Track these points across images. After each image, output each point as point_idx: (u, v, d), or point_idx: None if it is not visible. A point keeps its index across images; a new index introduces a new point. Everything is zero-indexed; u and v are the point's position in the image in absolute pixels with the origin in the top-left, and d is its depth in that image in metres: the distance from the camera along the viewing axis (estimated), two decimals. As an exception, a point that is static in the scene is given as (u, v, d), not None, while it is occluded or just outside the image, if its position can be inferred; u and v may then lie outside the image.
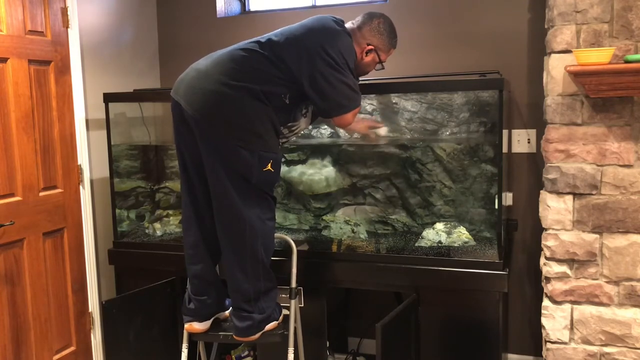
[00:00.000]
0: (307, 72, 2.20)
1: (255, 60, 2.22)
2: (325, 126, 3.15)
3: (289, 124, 2.32)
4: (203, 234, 2.36)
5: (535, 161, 3.00)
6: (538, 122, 2.92)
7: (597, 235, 2.45)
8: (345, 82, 2.24)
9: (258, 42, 2.27)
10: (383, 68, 2.46)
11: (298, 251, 2.54)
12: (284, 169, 3.10)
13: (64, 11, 2.95)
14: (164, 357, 2.82)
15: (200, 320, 2.40)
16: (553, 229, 2.50)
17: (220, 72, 2.20)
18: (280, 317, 2.42)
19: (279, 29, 2.33)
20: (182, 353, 2.45)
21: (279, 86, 2.22)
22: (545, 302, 2.55)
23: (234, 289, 2.31)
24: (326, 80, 2.21)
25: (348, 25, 2.37)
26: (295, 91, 2.24)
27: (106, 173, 3.11)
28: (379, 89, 2.81)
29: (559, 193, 2.48)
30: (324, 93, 2.22)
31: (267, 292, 2.33)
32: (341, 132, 3.13)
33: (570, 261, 2.49)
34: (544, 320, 2.55)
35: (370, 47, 2.37)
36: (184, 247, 2.41)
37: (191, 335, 2.45)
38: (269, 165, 2.21)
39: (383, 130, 2.66)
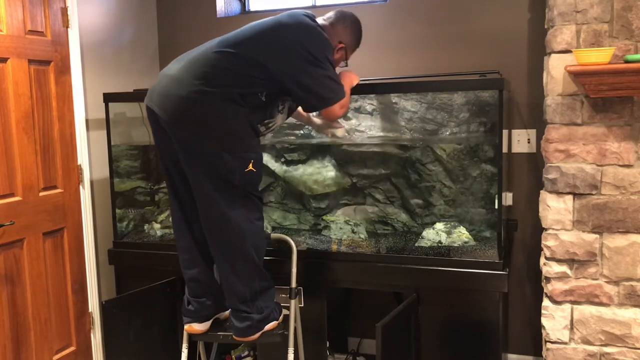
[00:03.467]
0: (290, 71, 2.19)
1: (228, 62, 2.17)
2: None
3: (266, 121, 2.31)
4: (195, 238, 2.36)
5: (535, 161, 3.00)
6: (538, 122, 2.92)
7: (597, 235, 2.45)
8: (328, 76, 2.25)
9: (231, 42, 2.22)
10: (347, 65, 2.48)
11: (298, 251, 2.54)
12: (284, 168, 3.10)
13: (64, 11, 2.95)
14: (164, 357, 2.82)
15: (200, 321, 2.40)
16: (553, 229, 2.51)
17: (193, 77, 2.16)
18: (280, 317, 2.42)
19: (252, 26, 2.27)
20: (182, 353, 2.45)
21: (255, 86, 2.19)
22: (545, 302, 2.55)
23: (230, 292, 2.31)
24: (310, 76, 2.21)
25: (319, 21, 2.36)
26: (272, 88, 2.23)
27: (106, 173, 3.12)
28: (379, 89, 2.81)
29: (559, 193, 2.48)
30: (309, 89, 2.23)
31: (264, 291, 2.33)
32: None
33: (570, 261, 2.49)
34: (544, 320, 2.55)
35: (341, 45, 2.38)
36: (178, 252, 2.41)
37: (191, 335, 2.45)
38: (251, 165, 2.20)
39: (340, 132, 2.68)
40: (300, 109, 2.51)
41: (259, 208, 2.31)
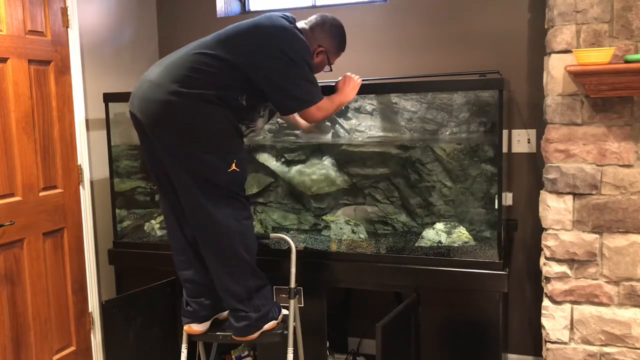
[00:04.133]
0: (265, 72, 2.19)
1: (207, 64, 2.17)
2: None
3: (247, 122, 2.31)
4: (188, 239, 2.36)
5: (535, 161, 3.00)
6: (538, 122, 2.92)
7: (597, 235, 2.45)
8: (304, 77, 2.25)
9: (210, 44, 2.23)
10: (331, 70, 2.47)
11: (298, 251, 2.54)
12: (284, 168, 3.10)
13: (64, 11, 2.95)
14: (164, 357, 2.82)
15: (199, 321, 2.40)
16: (553, 229, 2.51)
17: (172, 81, 2.16)
18: (280, 317, 2.42)
19: (231, 28, 2.27)
20: (182, 353, 2.45)
21: (234, 89, 2.20)
22: (545, 302, 2.55)
23: (225, 292, 2.31)
24: (285, 77, 2.21)
25: (300, 24, 2.36)
26: (251, 92, 2.23)
27: (106, 173, 3.12)
28: (379, 89, 2.81)
29: (559, 193, 2.48)
30: (284, 90, 2.22)
31: (259, 289, 2.33)
32: (341, 131, 3.13)
33: (570, 261, 2.49)
34: (544, 320, 2.55)
35: (321, 49, 2.38)
36: (173, 255, 2.42)
37: (190, 336, 2.45)
38: (234, 165, 2.21)
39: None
40: None
41: (246, 207, 2.31)
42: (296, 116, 2.72)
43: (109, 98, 3.04)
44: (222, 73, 2.17)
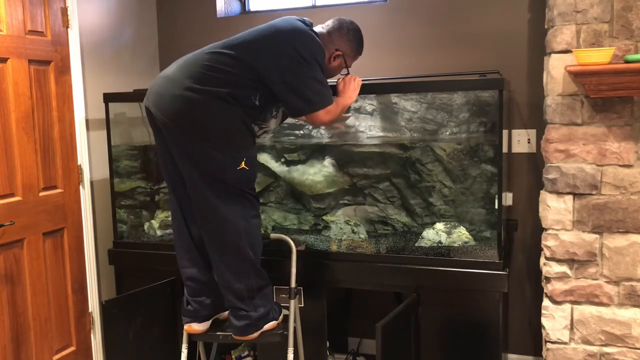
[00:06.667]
0: (277, 70, 2.20)
1: (222, 62, 2.20)
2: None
3: (259, 122, 2.31)
4: (194, 238, 2.37)
5: (535, 161, 3.00)
6: (538, 122, 2.92)
7: (597, 235, 2.45)
8: (316, 78, 2.25)
9: (226, 44, 2.26)
10: (348, 73, 2.48)
11: (298, 251, 2.54)
12: (284, 168, 3.10)
13: (64, 11, 2.95)
14: (164, 357, 2.82)
15: (200, 321, 2.40)
16: (553, 229, 2.51)
17: (186, 77, 2.19)
18: (280, 317, 2.42)
19: (247, 31, 2.32)
20: (182, 353, 2.45)
21: (247, 88, 2.21)
22: (545, 302, 2.55)
23: (227, 290, 2.31)
24: (297, 77, 2.22)
25: (317, 29, 2.38)
26: (264, 92, 2.24)
27: (106, 173, 3.12)
28: (379, 89, 2.81)
29: (559, 193, 2.48)
30: (295, 90, 2.23)
31: (261, 289, 2.34)
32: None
33: (570, 261, 2.49)
34: (544, 320, 2.55)
35: (338, 52, 2.39)
36: (177, 252, 2.42)
37: (191, 335, 2.45)
38: (243, 163, 2.22)
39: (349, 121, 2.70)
40: None
41: (254, 206, 2.31)
42: None
43: (109, 98, 3.04)
44: (236, 72, 2.19)
